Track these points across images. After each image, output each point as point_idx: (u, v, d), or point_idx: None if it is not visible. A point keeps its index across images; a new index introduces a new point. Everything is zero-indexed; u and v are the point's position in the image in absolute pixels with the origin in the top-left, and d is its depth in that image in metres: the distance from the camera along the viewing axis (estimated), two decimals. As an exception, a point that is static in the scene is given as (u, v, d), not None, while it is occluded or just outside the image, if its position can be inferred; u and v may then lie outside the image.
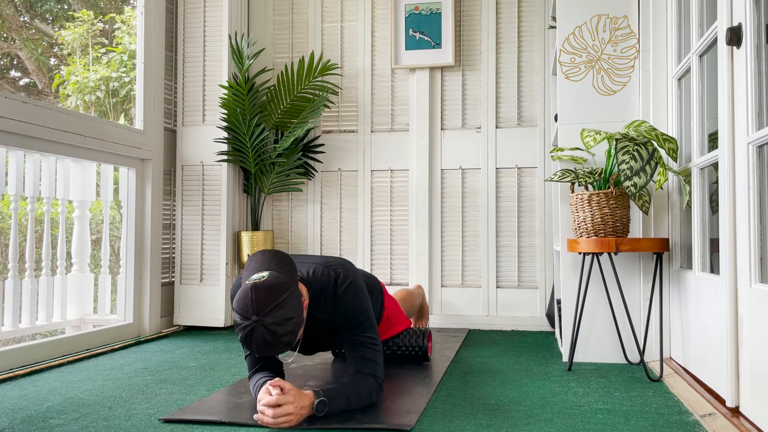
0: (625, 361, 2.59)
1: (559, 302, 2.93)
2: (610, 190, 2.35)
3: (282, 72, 3.62)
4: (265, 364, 1.95)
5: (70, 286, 3.29)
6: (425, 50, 3.65)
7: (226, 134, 3.57)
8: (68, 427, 1.76)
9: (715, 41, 2.05)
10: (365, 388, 1.85)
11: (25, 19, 9.53)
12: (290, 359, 2.52)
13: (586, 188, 2.49)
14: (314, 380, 2.27)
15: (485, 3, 3.63)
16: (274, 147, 3.59)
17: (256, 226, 3.64)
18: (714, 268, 2.19)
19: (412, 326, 2.67)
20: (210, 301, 3.52)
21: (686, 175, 2.35)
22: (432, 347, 2.85)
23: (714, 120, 2.14)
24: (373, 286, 2.41)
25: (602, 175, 2.44)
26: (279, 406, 1.67)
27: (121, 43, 8.19)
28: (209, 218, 3.56)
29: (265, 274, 1.69)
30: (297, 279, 1.75)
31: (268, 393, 1.71)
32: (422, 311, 3.24)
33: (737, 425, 1.67)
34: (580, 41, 2.70)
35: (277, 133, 3.72)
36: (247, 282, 1.67)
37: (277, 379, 1.74)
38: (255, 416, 1.73)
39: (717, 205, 2.17)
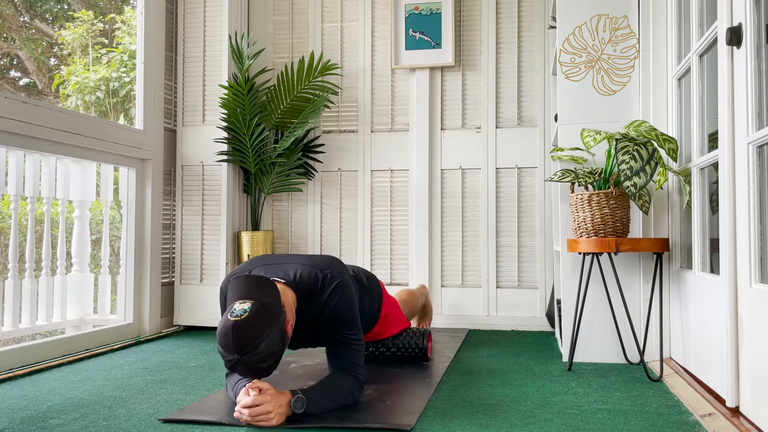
0: (625, 361, 2.59)
1: (559, 302, 2.93)
2: (610, 190, 2.35)
3: (282, 72, 3.62)
4: None
5: (70, 286, 3.29)
6: (425, 50, 3.65)
7: (226, 134, 3.57)
8: (68, 427, 1.76)
9: (715, 41, 2.05)
10: (344, 386, 1.86)
11: (25, 19, 9.53)
12: None
13: (586, 188, 2.49)
14: (314, 380, 2.27)
15: (485, 3, 3.63)
16: (274, 147, 3.59)
17: (256, 226, 3.64)
18: (714, 268, 2.19)
19: (411, 327, 2.67)
20: (210, 301, 3.52)
21: (686, 175, 2.35)
22: (432, 347, 2.85)
23: (714, 120, 2.14)
24: (371, 283, 2.41)
25: (602, 175, 2.44)
26: (256, 406, 1.69)
27: (121, 43, 8.19)
28: (209, 218, 3.56)
29: (247, 307, 1.65)
30: (281, 305, 1.73)
31: (246, 395, 1.73)
32: (426, 311, 3.24)
33: (737, 425, 1.67)
34: (580, 41, 2.70)
35: (277, 133, 3.72)
36: (229, 317, 1.64)
37: (255, 381, 1.74)
38: (235, 414, 1.75)
39: (717, 205, 2.17)
